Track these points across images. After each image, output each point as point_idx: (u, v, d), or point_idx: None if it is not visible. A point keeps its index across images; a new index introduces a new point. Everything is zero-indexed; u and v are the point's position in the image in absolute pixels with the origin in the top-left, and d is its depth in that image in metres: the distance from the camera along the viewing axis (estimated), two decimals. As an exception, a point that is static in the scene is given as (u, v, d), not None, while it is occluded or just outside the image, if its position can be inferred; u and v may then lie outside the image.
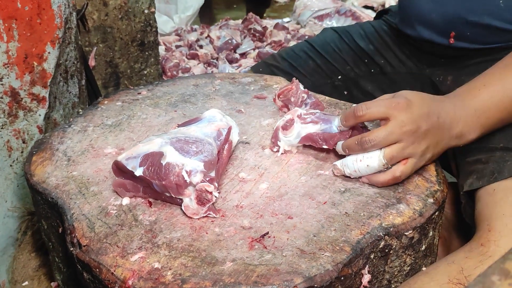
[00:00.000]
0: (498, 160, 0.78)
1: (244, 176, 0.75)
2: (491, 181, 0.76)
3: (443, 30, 0.98)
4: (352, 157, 0.72)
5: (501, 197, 0.73)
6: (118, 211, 0.68)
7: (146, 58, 1.51)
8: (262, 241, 0.62)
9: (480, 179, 0.77)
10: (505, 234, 0.69)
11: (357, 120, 0.71)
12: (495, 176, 0.76)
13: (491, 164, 0.78)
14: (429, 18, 0.99)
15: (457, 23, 0.95)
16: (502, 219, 0.70)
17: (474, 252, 0.69)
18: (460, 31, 0.95)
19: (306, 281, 0.56)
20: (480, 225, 0.73)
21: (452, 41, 0.97)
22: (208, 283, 0.56)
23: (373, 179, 0.71)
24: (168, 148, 0.67)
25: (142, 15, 1.45)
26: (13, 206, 1.00)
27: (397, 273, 0.68)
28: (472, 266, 0.67)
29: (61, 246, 0.78)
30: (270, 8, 3.69)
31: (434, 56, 1.04)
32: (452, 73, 1.01)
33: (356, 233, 0.63)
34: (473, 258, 0.68)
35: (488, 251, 0.68)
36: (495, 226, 0.70)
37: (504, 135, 0.81)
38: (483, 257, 0.67)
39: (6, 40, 0.88)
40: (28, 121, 0.96)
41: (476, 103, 0.73)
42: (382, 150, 0.69)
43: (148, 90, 1.04)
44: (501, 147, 0.80)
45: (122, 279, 0.57)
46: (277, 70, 1.21)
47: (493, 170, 0.77)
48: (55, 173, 0.77)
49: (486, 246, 0.69)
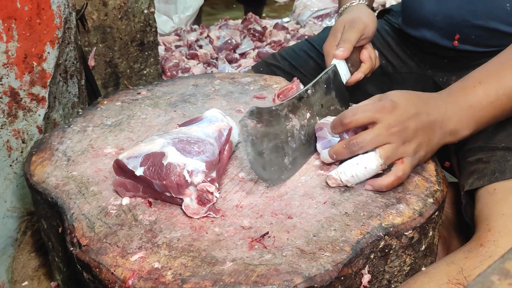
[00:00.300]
0: (500, 159, 0.78)
1: (244, 176, 0.75)
2: (492, 181, 0.76)
3: (447, 33, 0.97)
4: (347, 163, 0.71)
5: (502, 197, 0.73)
6: (118, 211, 0.68)
7: (146, 58, 1.51)
8: (262, 241, 0.62)
9: (481, 179, 0.77)
10: (505, 234, 0.69)
11: (345, 127, 0.71)
12: (496, 176, 0.76)
13: (492, 163, 0.78)
14: (434, 21, 0.98)
15: (462, 26, 0.95)
16: (502, 219, 0.70)
17: (474, 253, 0.69)
18: (465, 34, 0.95)
19: (306, 281, 0.56)
20: (479, 225, 0.73)
21: (456, 43, 0.97)
22: (208, 283, 0.56)
23: (376, 184, 0.70)
24: (170, 148, 0.67)
25: (142, 15, 1.45)
26: (12, 206, 1.00)
27: (397, 273, 0.68)
28: (471, 266, 0.67)
29: (61, 246, 0.78)
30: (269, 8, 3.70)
31: (437, 57, 1.04)
32: (455, 73, 1.01)
33: (356, 233, 0.63)
34: (473, 258, 0.68)
35: (487, 251, 0.68)
36: (494, 226, 0.70)
37: (506, 135, 0.81)
38: (482, 257, 0.67)
39: (6, 40, 0.88)
40: (28, 121, 0.96)
41: (471, 100, 0.73)
42: (377, 151, 0.69)
43: (147, 90, 1.04)
44: (502, 147, 0.80)
45: (122, 279, 0.57)
46: (277, 69, 1.21)
47: (494, 170, 0.77)
48: (54, 173, 0.77)
49: (485, 246, 0.69)
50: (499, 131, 0.81)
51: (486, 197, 0.75)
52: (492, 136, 0.81)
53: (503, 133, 0.81)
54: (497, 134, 0.81)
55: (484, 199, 0.75)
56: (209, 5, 3.41)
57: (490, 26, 0.91)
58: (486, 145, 0.81)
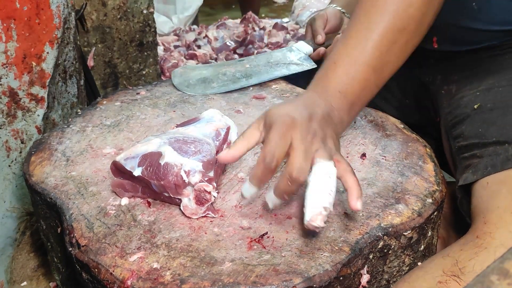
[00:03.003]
0: (491, 153, 0.78)
1: (243, 176, 0.75)
2: (484, 175, 0.76)
3: (426, 36, 0.98)
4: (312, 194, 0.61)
5: (495, 190, 0.74)
6: (117, 211, 0.68)
7: (145, 58, 1.50)
8: (261, 241, 0.62)
9: (474, 173, 0.78)
10: (500, 226, 0.69)
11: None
12: (488, 170, 0.76)
13: (485, 158, 0.78)
14: None
15: (437, 27, 0.95)
16: (497, 211, 0.71)
17: (469, 245, 0.69)
18: (441, 34, 0.95)
19: (305, 281, 0.56)
20: (475, 218, 0.73)
21: (435, 45, 0.97)
22: (207, 283, 0.56)
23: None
24: (166, 148, 0.67)
25: (141, 15, 1.45)
26: (11, 206, 1.00)
27: (396, 273, 0.68)
28: (466, 258, 0.67)
29: (59, 246, 0.78)
30: (268, 9, 3.69)
31: (422, 58, 1.04)
32: (441, 72, 1.01)
33: (355, 233, 0.63)
34: (468, 250, 0.68)
35: (483, 243, 0.68)
36: (490, 218, 0.70)
37: (497, 129, 0.81)
38: (478, 249, 0.67)
39: (5, 40, 0.88)
40: (27, 121, 0.96)
41: (337, 84, 0.70)
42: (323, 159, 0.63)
43: (147, 90, 1.04)
44: (493, 141, 0.80)
45: (121, 279, 0.57)
46: None
47: (486, 164, 0.77)
48: (53, 173, 0.77)
49: (481, 238, 0.69)
50: (490, 126, 0.82)
51: (480, 191, 0.75)
52: (485, 132, 0.82)
53: (495, 127, 0.81)
54: (489, 129, 0.81)
55: (479, 193, 0.75)
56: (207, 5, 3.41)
57: (462, 24, 0.92)
58: (480, 141, 0.82)
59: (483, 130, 0.82)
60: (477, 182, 0.77)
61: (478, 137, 0.82)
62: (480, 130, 0.82)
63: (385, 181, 0.74)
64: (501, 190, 0.73)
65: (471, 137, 0.83)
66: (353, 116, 0.73)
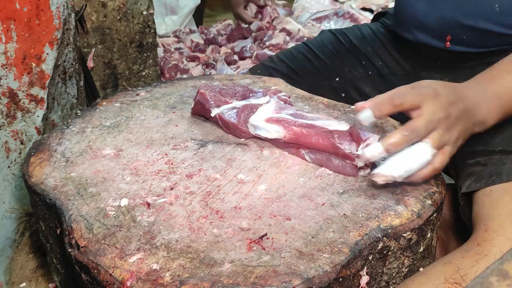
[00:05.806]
0: (497, 162, 0.78)
1: (243, 177, 0.75)
2: (489, 184, 0.76)
3: (439, 34, 0.98)
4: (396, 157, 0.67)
5: (498, 197, 0.74)
6: (117, 212, 0.68)
7: (145, 59, 1.50)
8: (261, 243, 0.62)
9: (478, 181, 0.78)
10: (501, 233, 0.69)
11: (395, 109, 0.68)
12: (493, 179, 0.76)
13: (489, 166, 0.78)
14: (425, 22, 0.99)
15: (453, 27, 0.95)
16: (498, 219, 0.71)
17: (471, 252, 0.69)
18: (456, 35, 0.95)
19: (305, 282, 0.56)
20: (477, 225, 0.73)
21: (448, 44, 0.97)
22: (207, 284, 0.56)
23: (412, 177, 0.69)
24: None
25: (141, 17, 1.45)
26: (11, 207, 1.00)
27: (395, 275, 0.68)
28: (468, 265, 0.67)
29: (59, 247, 0.78)
30: (268, 10, 3.69)
31: (431, 58, 1.05)
32: (448, 75, 1.01)
33: (354, 234, 0.63)
34: (470, 258, 0.68)
35: (484, 250, 0.68)
36: (491, 226, 0.71)
37: (503, 138, 0.81)
38: (479, 256, 0.68)
39: (5, 41, 0.88)
40: (26, 122, 0.96)
41: (500, 90, 0.74)
42: (428, 141, 0.67)
43: (146, 92, 1.04)
44: (499, 150, 0.80)
45: (121, 281, 0.57)
46: (275, 72, 1.21)
47: (491, 173, 0.77)
48: (53, 174, 0.77)
49: (482, 245, 0.69)
50: (496, 134, 0.81)
51: (483, 199, 0.75)
52: (490, 139, 0.82)
53: (501, 136, 0.81)
54: (495, 138, 0.81)
55: (481, 201, 0.75)
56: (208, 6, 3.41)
57: (480, 26, 0.92)
58: (485, 148, 0.81)
59: (489, 138, 0.82)
60: (481, 189, 0.77)
61: (483, 144, 0.82)
62: (486, 138, 0.82)
63: (385, 182, 0.74)
64: (504, 198, 0.73)
65: (475, 143, 0.83)
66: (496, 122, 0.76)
